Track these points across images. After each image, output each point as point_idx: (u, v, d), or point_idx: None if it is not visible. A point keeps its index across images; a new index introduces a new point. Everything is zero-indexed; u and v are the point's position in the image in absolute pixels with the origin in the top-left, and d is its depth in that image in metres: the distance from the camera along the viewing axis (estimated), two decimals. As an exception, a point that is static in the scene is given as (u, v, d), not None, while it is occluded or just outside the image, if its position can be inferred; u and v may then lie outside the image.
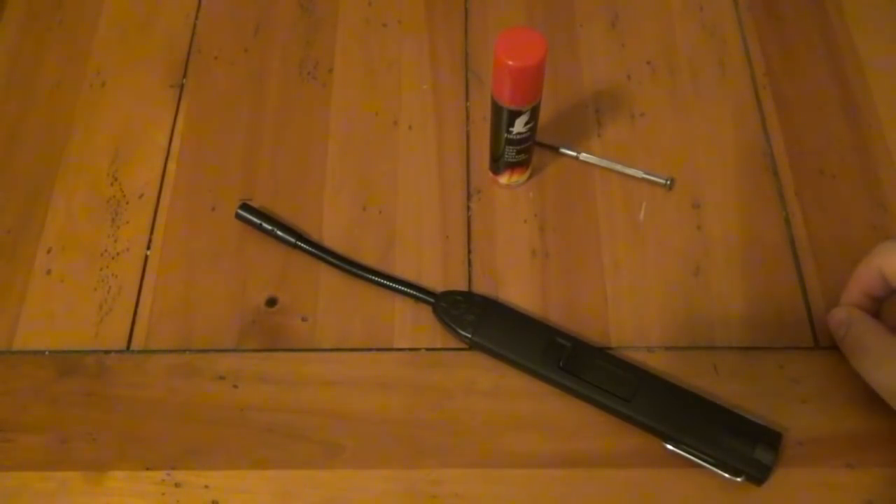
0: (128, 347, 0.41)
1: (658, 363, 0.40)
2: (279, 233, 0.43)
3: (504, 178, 0.44)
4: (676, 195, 0.45)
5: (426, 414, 0.39)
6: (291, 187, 0.45)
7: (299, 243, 0.43)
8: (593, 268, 0.43)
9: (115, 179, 0.46)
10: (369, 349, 0.41)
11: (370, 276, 0.42)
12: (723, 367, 0.40)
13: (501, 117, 0.39)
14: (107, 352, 0.41)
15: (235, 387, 0.40)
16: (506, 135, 0.40)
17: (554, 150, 0.46)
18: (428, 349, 0.41)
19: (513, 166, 0.43)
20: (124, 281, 0.43)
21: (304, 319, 0.41)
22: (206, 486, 0.37)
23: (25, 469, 0.38)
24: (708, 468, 0.37)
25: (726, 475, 0.36)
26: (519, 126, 0.39)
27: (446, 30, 0.50)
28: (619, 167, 0.45)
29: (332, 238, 0.44)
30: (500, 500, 0.37)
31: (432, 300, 0.41)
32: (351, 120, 0.47)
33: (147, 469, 0.38)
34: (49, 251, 0.44)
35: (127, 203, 0.45)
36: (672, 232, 0.44)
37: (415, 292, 0.41)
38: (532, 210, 0.44)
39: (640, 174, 0.45)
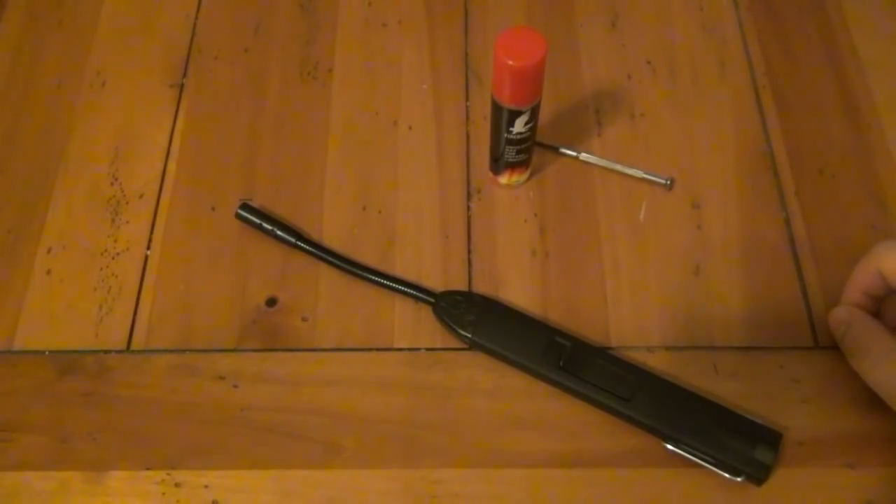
0: (128, 347, 0.41)
1: (658, 363, 0.40)
2: (279, 233, 0.43)
3: (504, 178, 0.44)
4: (676, 195, 0.45)
5: (426, 414, 0.39)
6: (291, 187, 0.45)
7: (299, 243, 0.43)
8: (593, 268, 0.43)
9: (115, 179, 0.46)
10: (369, 349, 0.41)
11: (370, 276, 0.42)
12: (723, 367, 0.40)
13: (501, 117, 0.39)
14: (107, 352, 0.41)
15: (235, 387, 0.40)
16: (506, 135, 0.40)
17: (554, 150, 0.46)
18: (428, 349, 0.41)
19: (513, 166, 0.43)
20: (124, 281, 0.43)
21: (304, 319, 0.41)
22: (206, 486, 0.37)
23: (25, 469, 0.38)
24: (708, 468, 0.37)
25: (726, 475, 0.36)
26: (519, 126, 0.39)
27: (446, 30, 0.50)
28: (619, 167, 0.45)
29: (332, 238, 0.44)
30: (500, 500, 0.37)
31: (432, 300, 0.41)
32: (351, 120, 0.47)
33: (147, 469, 0.38)
34: (49, 251, 0.44)
35: (127, 203, 0.45)
36: (672, 232, 0.44)
37: (415, 292, 0.41)
38: (532, 210, 0.44)
39: (640, 174, 0.45)
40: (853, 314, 0.38)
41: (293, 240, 0.43)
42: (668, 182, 0.45)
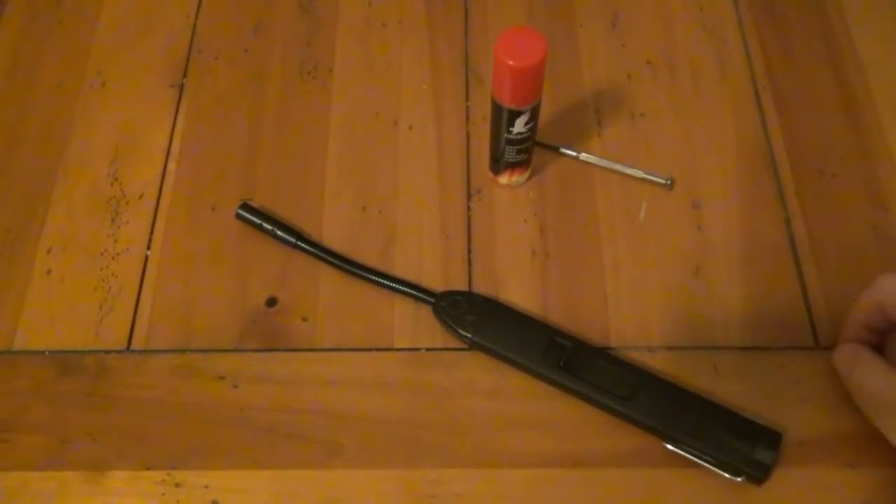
0: (128, 347, 0.41)
1: (658, 363, 0.40)
2: (279, 233, 0.43)
3: (504, 178, 0.44)
4: (676, 195, 0.45)
5: (426, 414, 0.39)
6: (291, 187, 0.45)
7: (299, 243, 0.43)
8: (593, 268, 0.43)
9: (115, 179, 0.46)
10: (369, 349, 0.41)
11: (370, 276, 0.42)
12: (723, 367, 0.40)
13: (501, 117, 0.39)
14: (107, 352, 0.41)
15: (235, 387, 0.40)
16: (506, 135, 0.40)
17: (554, 150, 0.46)
18: (428, 349, 0.41)
19: (513, 166, 0.43)
20: (124, 281, 0.43)
21: (304, 319, 0.41)
22: (206, 486, 0.37)
23: (25, 469, 0.38)
24: (708, 468, 0.37)
25: (726, 475, 0.36)
26: (519, 126, 0.39)
27: (446, 30, 0.50)
28: (619, 167, 0.45)
29: (332, 238, 0.44)
30: (500, 500, 0.37)
31: (432, 300, 0.41)
32: (351, 120, 0.47)
33: (147, 469, 0.38)
34: (49, 251, 0.44)
35: (127, 203, 0.45)
36: (672, 232, 0.44)
37: (415, 292, 0.41)
38: (532, 210, 0.44)
39: (640, 174, 0.45)
40: (859, 353, 0.37)
41: (293, 240, 0.43)
42: (668, 182, 0.45)
